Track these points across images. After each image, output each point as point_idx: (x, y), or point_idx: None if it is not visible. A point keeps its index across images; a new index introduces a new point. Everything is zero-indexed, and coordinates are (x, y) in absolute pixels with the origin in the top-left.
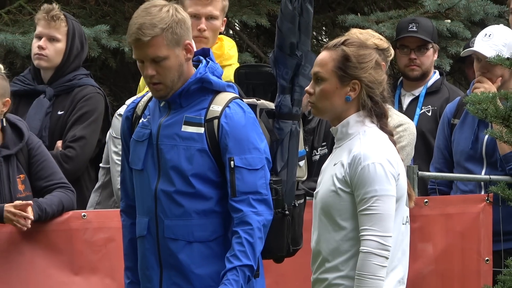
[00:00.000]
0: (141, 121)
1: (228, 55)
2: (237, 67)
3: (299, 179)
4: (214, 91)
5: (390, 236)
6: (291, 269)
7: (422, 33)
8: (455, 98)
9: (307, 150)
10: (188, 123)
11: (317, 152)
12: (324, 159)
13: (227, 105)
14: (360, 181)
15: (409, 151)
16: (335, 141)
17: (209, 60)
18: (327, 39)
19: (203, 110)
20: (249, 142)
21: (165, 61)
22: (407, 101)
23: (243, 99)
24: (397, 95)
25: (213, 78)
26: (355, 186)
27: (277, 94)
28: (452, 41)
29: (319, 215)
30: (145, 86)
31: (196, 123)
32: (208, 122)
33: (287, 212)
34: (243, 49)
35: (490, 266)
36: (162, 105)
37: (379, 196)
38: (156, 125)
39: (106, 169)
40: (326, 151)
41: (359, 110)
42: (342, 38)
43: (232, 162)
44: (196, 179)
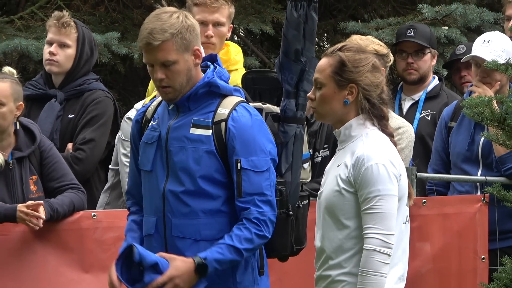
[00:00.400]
0: (150, 124)
1: (235, 60)
2: (244, 72)
3: (303, 181)
4: (222, 95)
5: (392, 234)
6: (294, 267)
7: (419, 38)
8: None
9: (311, 153)
10: (196, 125)
11: (319, 154)
12: (326, 160)
13: (234, 108)
14: (364, 181)
15: (407, 153)
16: (338, 143)
17: (216, 65)
18: (328, 45)
19: (211, 113)
20: (255, 145)
21: (174, 65)
22: (407, 105)
23: (250, 103)
24: (397, 99)
25: (221, 82)
26: (358, 186)
27: (282, 99)
28: (449, 47)
29: (323, 214)
30: (153, 90)
31: (204, 126)
32: (215, 125)
33: (291, 213)
34: (248, 54)
35: (486, 264)
36: (170, 108)
37: (382, 196)
38: (165, 128)
39: (115, 171)
40: (327, 153)
41: (359, 113)
42: (340, 44)
43: (239, 164)
44: (204, 180)
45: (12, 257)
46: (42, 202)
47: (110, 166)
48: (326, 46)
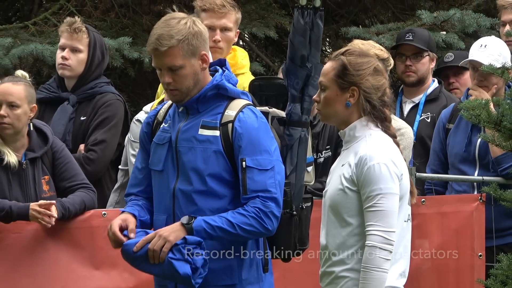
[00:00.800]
0: (162, 126)
1: (241, 64)
2: (252, 79)
3: (307, 183)
4: (229, 97)
5: (393, 232)
6: (297, 264)
7: (417, 41)
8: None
9: (315, 157)
10: (205, 126)
11: (322, 155)
12: (328, 161)
13: (240, 110)
14: (366, 180)
15: (406, 154)
16: (343, 143)
17: (225, 69)
18: (330, 49)
19: (219, 114)
20: (260, 145)
21: (181, 69)
22: (408, 108)
23: (256, 107)
24: (398, 102)
25: (229, 85)
26: (361, 185)
27: (288, 103)
28: (447, 51)
29: (328, 212)
30: (162, 92)
31: (212, 127)
32: (223, 126)
33: (294, 213)
34: (253, 58)
35: (483, 261)
36: (180, 110)
37: (383, 194)
38: (176, 130)
39: (124, 171)
40: (330, 153)
41: (361, 115)
42: (344, 48)
43: (244, 163)
44: (212, 179)
45: (25, 254)
46: (54, 201)
47: (119, 167)
48: (328, 50)
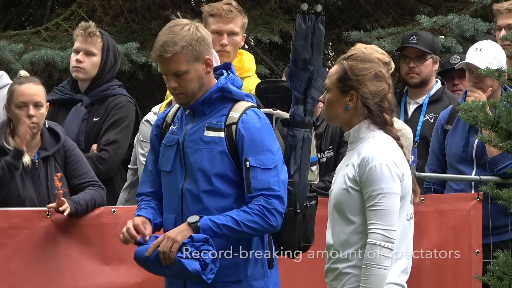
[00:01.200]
0: (171, 128)
1: (248, 68)
2: (258, 82)
3: (311, 182)
4: (234, 100)
5: (394, 230)
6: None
7: (421, 44)
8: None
9: (319, 157)
10: (210, 128)
11: (324, 154)
12: (330, 161)
13: (244, 112)
14: (368, 180)
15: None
16: (348, 144)
17: (230, 72)
18: (332, 53)
19: (223, 116)
20: (263, 145)
21: (186, 74)
22: (412, 108)
23: (261, 108)
24: (403, 103)
25: (233, 88)
26: (363, 185)
27: (292, 105)
28: (446, 55)
29: (332, 211)
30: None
31: (217, 128)
32: (227, 127)
33: (298, 211)
34: (258, 62)
35: (480, 257)
36: (187, 113)
37: (384, 194)
38: (183, 132)
39: (134, 170)
40: (332, 153)
41: (361, 118)
42: (349, 53)
43: (247, 163)
44: (217, 178)
45: (37, 249)
46: (65, 200)
47: (129, 166)
48: (330, 53)
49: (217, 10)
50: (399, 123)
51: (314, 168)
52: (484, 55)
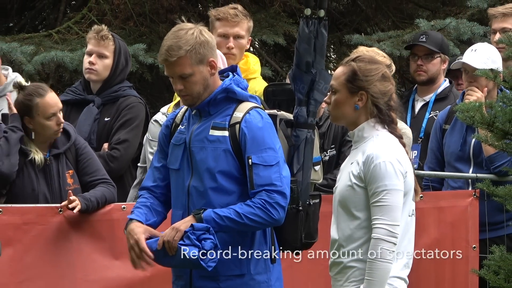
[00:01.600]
0: (179, 128)
1: (253, 70)
2: (266, 85)
3: (315, 181)
4: (238, 100)
5: (398, 225)
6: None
7: (429, 43)
8: None
9: (322, 157)
10: (215, 127)
11: (327, 153)
12: (333, 159)
13: (247, 112)
14: (373, 177)
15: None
16: (352, 143)
17: (235, 74)
18: (334, 55)
19: (228, 116)
20: (264, 143)
21: (191, 77)
22: (419, 106)
23: (265, 110)
24: (411, 99)
25: (237, 89)
26: (368, 181)
27: (295, 106)
28: None
29: (337, 207)
30: None
31: (222, 128)
32: (231, 127)
33: (300, 208)
34: (262, 64)
35: (477, 252)
36: (194, 113)
37: (388, 190)
38: (189, 131)
39: (143, 168)
40: (334, 152)
41: (369, 117)
42: (355, 55)
43: (250, 160)
44: (222, 175)
45: (50, 244)
46: (75, 198)
47: (138, 164)
48: (333, 56)
49: (223, 14)
50: (400, 123)
51: (317, 168)
52: (479, 55)
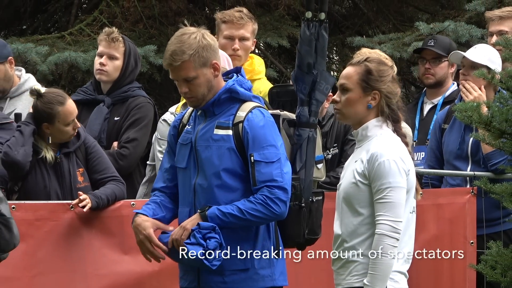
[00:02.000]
0: (186, 128)
1: (258, 71)
2: (270, 87)
3: (318, 179)
4: (242, 100)
5: (401, 221)
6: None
7: (438, 47)
8: None
9: (325, 155)
10: (219, 127)
11: (329, 152)
12: (335, 157)
13: (250, 111)
14: (377, 175)
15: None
16: (356, 142)
17: (239, 75)
18: (337, 57)
19: (232, 116)
20: (266, 140)
21: (195, 80)
22: (427, 108)
23: (268, 109)
24: (420, 102)
25: (240, 89)
26: (372, 179)
27: (297, 106)
28: None
29: (341, 204)
30: None
31: (225, 127)
32: (235, 126)
33: (303, 205)
34: (267, 65)
35: (475, 248)
36: (199, 114)
37: (392, 187)
38: (195, 131)
39: (152, 166)
40: (337, 150)
41: (377, 116)
42: (364, 56)
43: (252, 158)
44: (226, 173)
45: (62, 240)
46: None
47: (147, 162)
48: (335, 58)
49: (229, 17)
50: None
51: (320, 166)
52: (477, 51)
